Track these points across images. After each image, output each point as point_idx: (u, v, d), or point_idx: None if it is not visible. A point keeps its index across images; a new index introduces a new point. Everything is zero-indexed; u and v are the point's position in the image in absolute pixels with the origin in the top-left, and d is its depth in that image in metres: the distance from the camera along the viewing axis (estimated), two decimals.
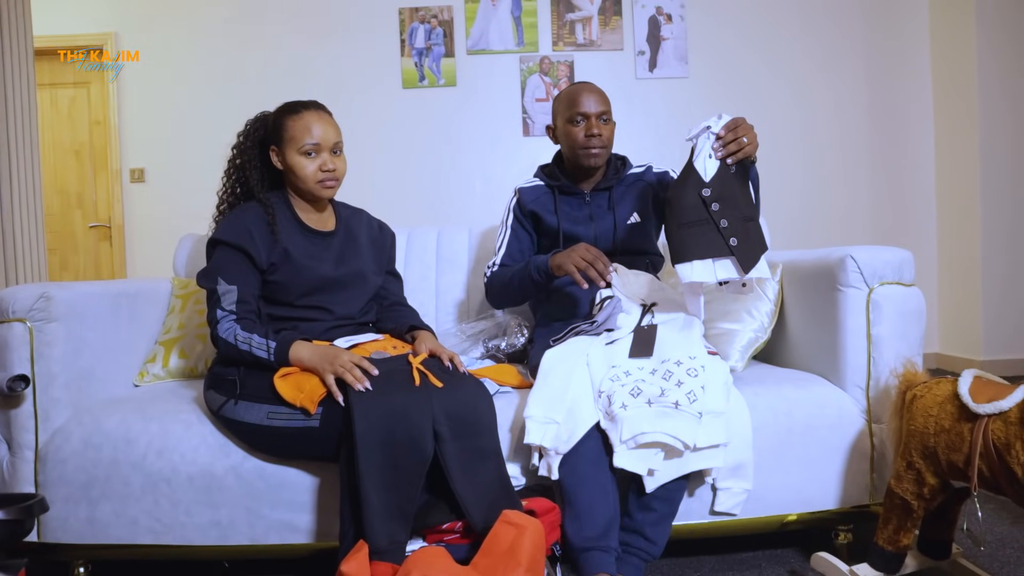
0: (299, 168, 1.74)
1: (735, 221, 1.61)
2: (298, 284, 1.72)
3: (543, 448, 1.59)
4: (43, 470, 1.70)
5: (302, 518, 1.65)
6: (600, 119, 1.99)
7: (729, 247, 1.60)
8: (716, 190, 1.62)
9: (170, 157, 4.22)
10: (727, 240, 1.60)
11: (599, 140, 1.99)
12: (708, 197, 1.62)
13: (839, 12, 4.38)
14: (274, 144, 1.77)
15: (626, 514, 1.59)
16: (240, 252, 1.68)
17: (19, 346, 1.71)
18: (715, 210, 1.61)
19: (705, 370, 1.58)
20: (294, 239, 1.75)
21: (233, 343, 1.62)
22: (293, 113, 1.75)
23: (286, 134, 1.74)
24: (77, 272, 4.42)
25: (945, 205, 4.36)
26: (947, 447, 1.44)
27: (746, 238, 1.61)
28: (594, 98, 2.00)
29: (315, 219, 1.83)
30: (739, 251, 1.60)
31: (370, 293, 1.87)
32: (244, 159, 1.80)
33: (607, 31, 4.33)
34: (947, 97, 4.28)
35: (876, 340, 1.78)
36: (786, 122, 4.38)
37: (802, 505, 1.75)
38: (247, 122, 1.85)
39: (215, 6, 4.25)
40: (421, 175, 4.29)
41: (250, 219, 1.72)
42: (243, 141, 1.82)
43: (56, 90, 4.34)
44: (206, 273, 1.69)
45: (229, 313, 1.64)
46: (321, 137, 1.73)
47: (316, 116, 1.75)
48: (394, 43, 4.28)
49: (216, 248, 1.71)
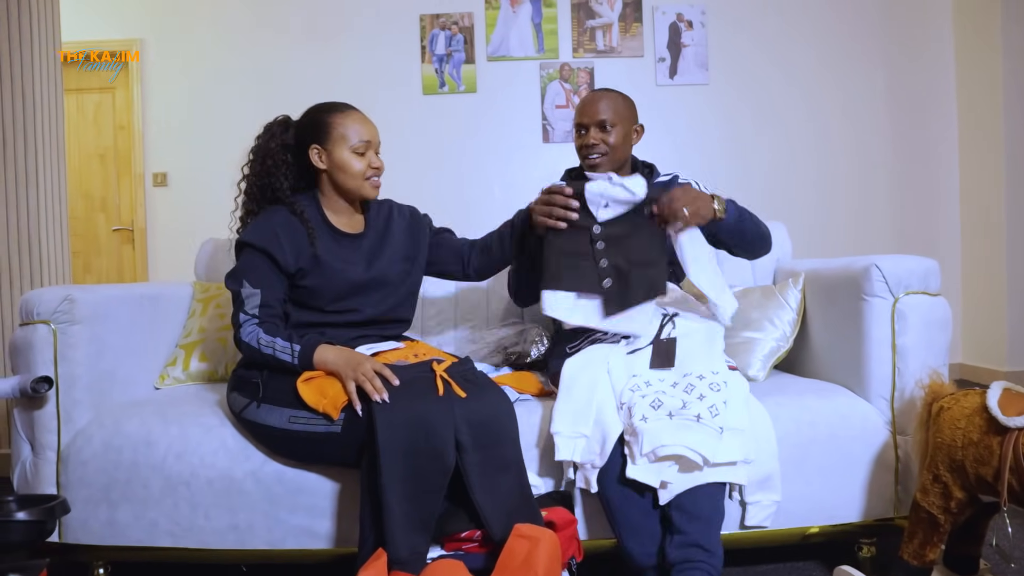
0: (348, 165, 1.73)
1: (618, 264, 1.66)
2: (329, 290, 1.72)
3: (576, 462, 1.59)
4: (65, 471, 1.72)
5: (321, 523, 1.65)
6: (599, 127, 1.96)
7: (601, 287, 1.66)
8: (608, 231, 1.68)
9: (192, 162, 4.26)
10: (601, 280, 1.66)
11: (594, 149, 1.97)
12: (597, 234, 1.68)
13: (860, 21, 4.34)
14: (316, 143, 1.74)
15: (675, 531, 1.51)
16: (265, 256, 1.67)
17: (43, 348, 1.73)
18: (599, 248, 1.67)
19: (727, 385, 1.56)
20: (325, 244, 1.73)
21: (256, 347, 1.62)
22: (338, 112, 1.75)
23: (333, 132, 1.73)
24: (100, 275, 4.47)
25: (969, 213, 4.30)
26: (975, 460, 1.41)
27: (623, 283, 1.65)
28: (594, 107, 1.98)
29: (345, 221, 1.81)
30: (609, 293, 1.66)
31: (405, 291, 1.84)
32: (271, 162, 1.76)
33: (627, 38, 4.32)
34: (972, 104, 4.22)
35: (901, 350, 1.76)
36: (803, 127, 4.35)
37: (825, 517, 1.73)
38: (266, 126, 1.82)
39: (239, 13, 4.29)
40: (441, 181, 4.29)
41: (278, 222, 1.71)
42: (266, 144, 1.78)
43: (82, 95, 4.40)
44: (232, 274, 1.69)
45: (252, 317, 1.64)
46: (371, 135, 1.75)
47: (361, 116, 1.77)
48: (415, 49, 4.30)
49: (243, 251, 1.70)
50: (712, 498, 1.53)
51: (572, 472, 1.62)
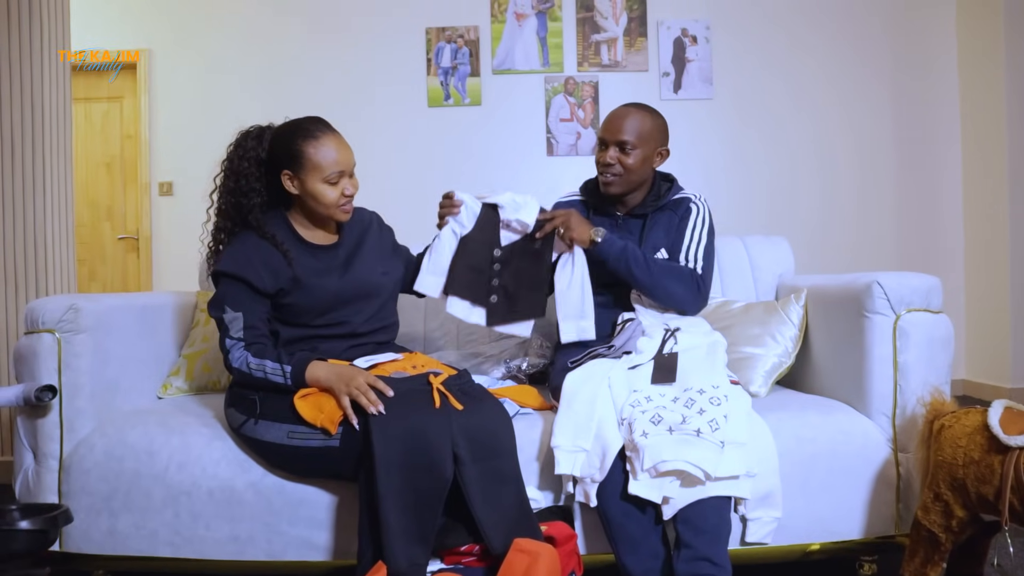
0: (322, 196, 1.69)
1: (508, 284, 1.88)
2: (313, 305, 1.71)
3: (576, 476, 1.59)
4: (67, 480, 1.72)
5: (320, 535, 1.65)
6: (619, 146, 1.92)
7: (488, 301, 1.88)
8: (506, 255, 1.90)
9: (198, 172, 4.26)
10: (488, 295, 1.88)
11: (609, 169, 1.93)
12: (497, 256, 1.90)
13: (864, 38, 4.36)
14: (289, 170, 1.69)
15: (683, 545, 1.50)
16: (242, 282, 1.65)
17: (47, 356, 1.74)
18: (495, 269, 1.90)
19: (728, 399, 1.56)
20: (302, 261, 1.72)
21: (247, 371, 1.62)
22: (311, 138, 1.68)
23: (307, 162, 1.67)
24: (105, 283, 4.49)
25: (973, 228, 4.29)
26: (976, 479, 1.41)
27: (508, 302, 1.89)
28: (618, 124, 1.93)
29: (320, 235, 1.80)
30: (493, 308, 1.89)
31: (385, 296, 1.83)
32: (243, 182, 1.70)
33: (632, 52, 4.34)
34: (975, 120, 4.23)
35: (903, 368, 1.76)
36: (807, 143, 4.36)
37: (826, 534, 1.72)
38: (238, 139, 1.75)
39: (245, 25, 4.32)
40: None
41: (251, 247, 1.68)
42: (238, 162, 1.72)
43: (90, 104, 4.43)
44: (213, 302, 1.69)
45: (238, 341, 1.64)
46: (345, 163, 1.70)
47: (334, 140, 1.70)
48: (420, 62, 4.32)
49: (220, 280, 1.69)
50: (718, 510, 1.53)
51: (572, 486, 1.62)
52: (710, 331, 1.85)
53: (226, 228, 1.75)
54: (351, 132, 1.98)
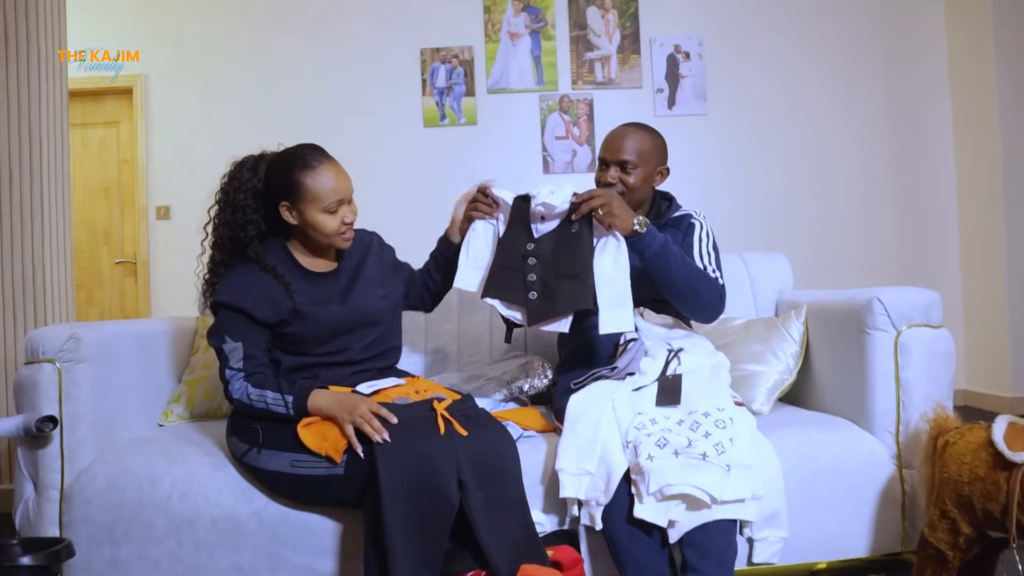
0: (321, 225, 1.68)
1: (546, 278, 1.78)
2: (314, 335, 1.70)
3: (580, 499, 1.58)
4: (68, 510, 1.71)
5: (325, 563, 1.64)
6: (620, 166, 1.92)
7: (526, 298, 1.79)
8: (540, 247, 1.80)
9: (195, 196, 4.24)
10: (527, 292, 1.79)
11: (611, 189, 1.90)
12: (529, 251, 1.80)
13: (858, 49, 4.39)
14: (287, 201, 1.68)
15: (688, 568, 1.49)
16: (240, 313, 1.65)
17: (48, 386, 1.73)
18: (530, 264, 1.80)
19: (734, 422, 1.56)
20: (302, 290, 1.71)
21: (248, 402, 1.61)
22: (308, 168, 1.67)
23: (305, 192, 1.66)
24: (103, 307, 4.47)
25: (969, 237, 4.31)
26: (983, 496, 1.41)
27: (549, 297, 1.77)
28: (618, 144, 1.93)
29: (320, 263, 1.79)
30: (533, 304, 1.78)
31: (387, 320, 1.83)
32: (240, 215, 1.69)
33: (626, 69, 4.37)
34: (968, 132, 4.26)
35: (905, 383, 1.76)
36: (804, 158, 4.38)
37: (832, 552, 1.72)
38: (232, 170, 1.74)
39: (241, 49, 4.34)
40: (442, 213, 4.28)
41: (250, 279, 1.67)
42: (234, 194, 1.71)
43: (87, 130, 4.44)
44: (212, 332, 1.68)
45: (238, 371, 1.63)
46: (343, 191, 1.69)
47: (331, 168, 1.69)
48: (415, 82, 4.34)
49: (219, 310, 1.68)
50: (725, 534, 1.52)
51: (577, 509, 1.61)
52: (713, 351, 1.85)
53: (224, 261, 1.73)
54: (347, 154, 1.98)
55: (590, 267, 1.76)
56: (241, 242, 1.71)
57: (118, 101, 4.42)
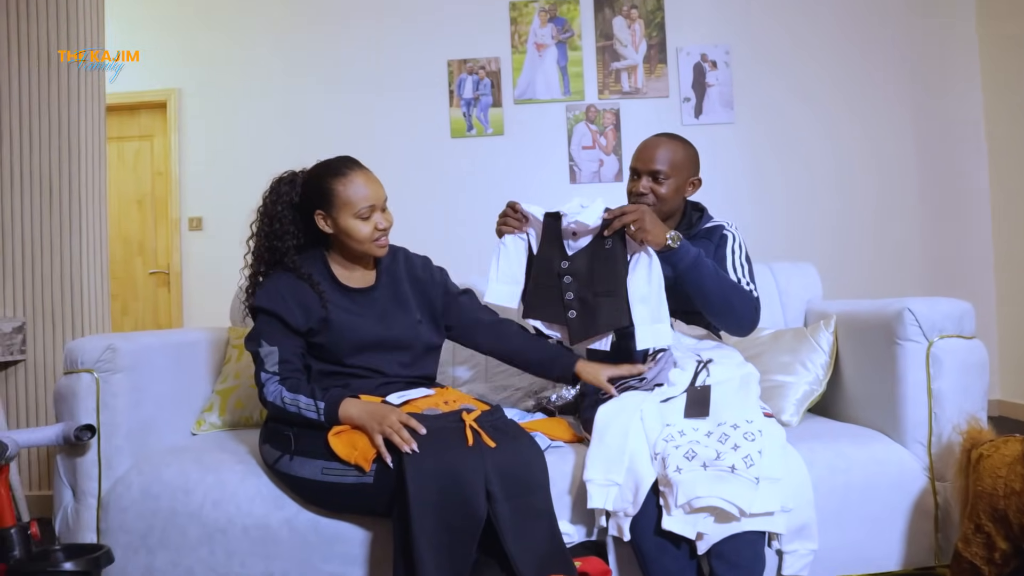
0: (355, 231, 1.72)
1: (584, 296, 1.78)
2: (343, 346, 1.73)
3: (608, 510, 1.58)
4: (105, 518, 1.75)
5: (355, 572, 1.65)
6: (652, 176, 1.91)
7: (566, 317, 1.80)
8: (575, 265, 1.79)
9: (226, 207, 4.36)
10: (566, 311, 1.80)
11: (643, 199, 1.91)
12: (564, 268, 1.80)
13: (885, 59, 4.34)
14: (321, 209, 1.73)
15: None
16: (276, 318, 1.69)
17: (86, 396, 1.78)
18: (566, 282, 1.80)
19: (763, 434, 1.54)
20: (336, 302, 1.74)
21: (281, 405, 1.64)
22: (340, 176, 1.72)
23: (337, 199, 1.71)
24: (137, 317, 4.57)
25: (1002, 246, 4.23)
26: (1018, 511, 1.38)
27: (588, 313, 1.77)
28: (650, 154, 1.92)
29: (356, 277, 1.82)
30: (574, 323, 1.79)
31: (421, 348, 1.83)
32: (277, 225, 1.77)
33: (652, 79, 4.37)
34: (1001, 136, 4.19)
35: (937, 395, 1.74)
36: (829, 168, 4.34)
37: (863, 566, 1.70)
38: (272, 185, 1.81)
39: (271, 63, 4.42)
40: (470, 224, 4.33)
41: (285, 285, 1.72)
42: (272, 206, 1.79)
43: (123, 143, 4.55)
44: (250, 336, 1.73)
45: (273, 375, 1.67)
46: (375, 197, 1.73)
47: (363, 176, 1.74)
48: (443, 94, 4.38)
49: (257, 315, 1.74)
50: (753, 545, 1.51)
51: (604, 520, 1.61)
52: (742, 362, 1.84)
53: (262, 271, 1.80)
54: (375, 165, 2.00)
55: (625, 284, 1.75)
56: (279, 252, 1.76)
57: (152, 115, 4.53)
